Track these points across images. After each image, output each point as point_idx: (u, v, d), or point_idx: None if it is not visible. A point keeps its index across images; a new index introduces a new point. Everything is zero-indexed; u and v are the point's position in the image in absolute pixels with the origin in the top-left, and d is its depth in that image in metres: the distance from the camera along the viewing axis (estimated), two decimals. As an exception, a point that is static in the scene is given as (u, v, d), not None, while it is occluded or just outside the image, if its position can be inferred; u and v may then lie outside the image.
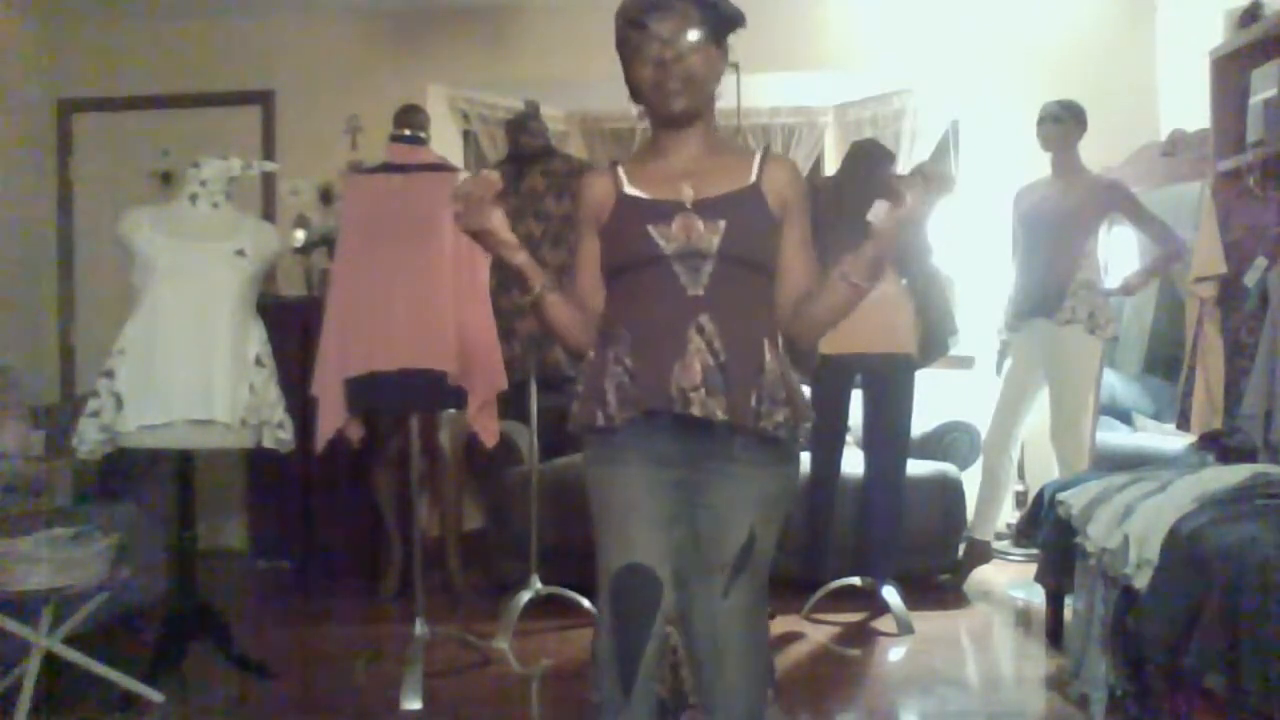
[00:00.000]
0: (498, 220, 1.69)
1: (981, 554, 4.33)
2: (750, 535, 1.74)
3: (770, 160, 1.81)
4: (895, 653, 3.54)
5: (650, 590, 1.71)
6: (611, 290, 1.82)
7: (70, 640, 2.96)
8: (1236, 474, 2.83)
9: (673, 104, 1.73)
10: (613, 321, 1.79)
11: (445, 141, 5.07)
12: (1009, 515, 4.82)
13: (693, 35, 1.71)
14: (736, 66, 1.90)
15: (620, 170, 1.83)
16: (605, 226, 1.81)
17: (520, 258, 1.74)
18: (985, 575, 4.39)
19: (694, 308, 1.71)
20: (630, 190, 1.79)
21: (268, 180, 5.13)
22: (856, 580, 3.91)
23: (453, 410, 3.70)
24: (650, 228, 1.72)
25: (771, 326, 1.79)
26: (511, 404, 3.75)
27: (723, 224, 1.71)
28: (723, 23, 1.75)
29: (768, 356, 1.75)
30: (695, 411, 1.68)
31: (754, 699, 1.77)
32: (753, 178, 1.78)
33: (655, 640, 1.71)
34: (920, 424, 4.17)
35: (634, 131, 5.65)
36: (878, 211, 1.66)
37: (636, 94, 1.78)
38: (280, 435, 3.21)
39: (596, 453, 1.79)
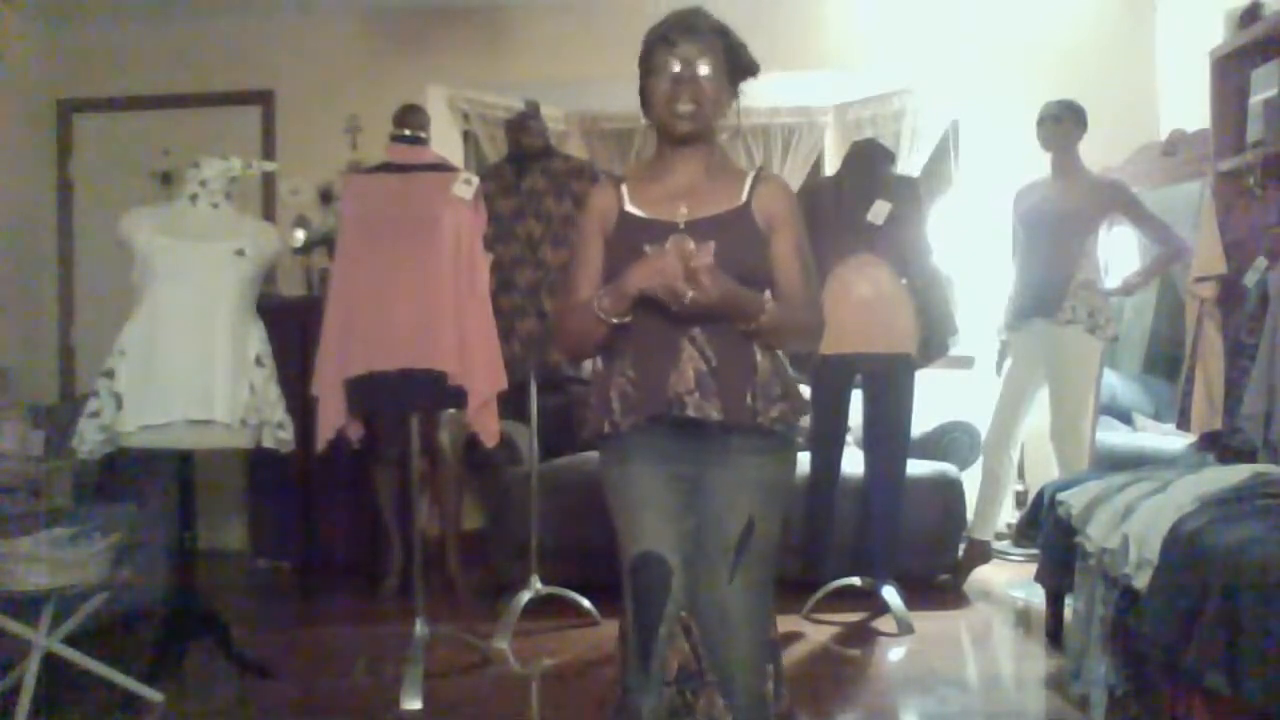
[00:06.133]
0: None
1: (981, 554, 4.33)
2: (749, 521, 1.86)
3: (761, 180, 1.94)
4: (895, 653, 3.54)
5: (662, 575, 1.85)
6: None
7: (70, 640, 2.96)
8: (1236, 474, 2.82)
9: (679, 125, 1.87)
10: (615, 336, 1.89)
11: (445, 141, 5.07)
12: (1009, 515, 4.81)
13: (712, 64, 1.86)
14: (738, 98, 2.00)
15: (624, 187, 1.95)
16: (608, 240, 1.94)
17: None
18: (985, 575, 4.39)
19: (686, 319, 1.81)
20: (630, 208, 1.92)
21: (268, 180, 5.14)
22: (856, 580, 3.91)
23: (453, 410, 3.70)
24: (646, 247, 1.84)
25: None
26: (511, 404, 3.75)
27: (712, 244, 1.81)
28: (739, 67, 1.91)
29: (759, 357, 1.87)
30: (691, 413, 1.82)
31: (757, 674, 1.89)
32: (744, 198, 1.91)
33: (668, 620, 1.84)
34: (920, 424, 4.17)
35: (634, 132, 5.65)
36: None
37: (648, 107, 1.91)
38: (280, 435, 3.22)
39: (608, 456, 1.94)
